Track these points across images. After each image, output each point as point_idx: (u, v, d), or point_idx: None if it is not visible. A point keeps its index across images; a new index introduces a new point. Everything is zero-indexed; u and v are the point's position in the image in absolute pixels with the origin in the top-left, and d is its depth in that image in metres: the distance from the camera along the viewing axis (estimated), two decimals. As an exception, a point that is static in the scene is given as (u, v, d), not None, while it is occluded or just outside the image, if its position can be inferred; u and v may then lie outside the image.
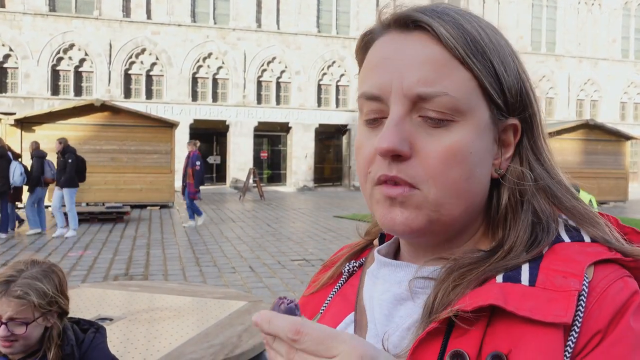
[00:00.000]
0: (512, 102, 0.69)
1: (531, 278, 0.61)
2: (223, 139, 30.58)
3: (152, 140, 18.33)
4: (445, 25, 0.66)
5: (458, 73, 0.65)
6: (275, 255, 9.86)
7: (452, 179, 0.64)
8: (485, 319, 0.60)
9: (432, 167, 0.64)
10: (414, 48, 0.66)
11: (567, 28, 34.92)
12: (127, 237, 11.81)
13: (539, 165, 0.71)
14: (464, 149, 0.65)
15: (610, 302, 0.59)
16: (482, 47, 0.66)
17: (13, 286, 1.78)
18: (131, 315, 3.32)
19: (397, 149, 0.63)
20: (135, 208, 17.35)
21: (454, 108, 0.64)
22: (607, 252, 0.64)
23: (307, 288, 0.87)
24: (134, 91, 28.15)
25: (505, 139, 0.70)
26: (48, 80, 26.67)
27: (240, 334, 2.95)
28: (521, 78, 0.70)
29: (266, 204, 20.37)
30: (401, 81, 0.65)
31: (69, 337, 1.90)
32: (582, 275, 0.60)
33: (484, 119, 0.67)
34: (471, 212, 0.68)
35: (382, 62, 0.67)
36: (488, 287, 0.62)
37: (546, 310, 0.57)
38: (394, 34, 0.69)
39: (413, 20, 0.67)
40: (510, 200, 0.69)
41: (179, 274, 8.30)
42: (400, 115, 0.65)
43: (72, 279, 7.81)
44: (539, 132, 0.72)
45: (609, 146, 22.87)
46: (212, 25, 29.03)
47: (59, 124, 17.39)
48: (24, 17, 26.40)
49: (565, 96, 34.87)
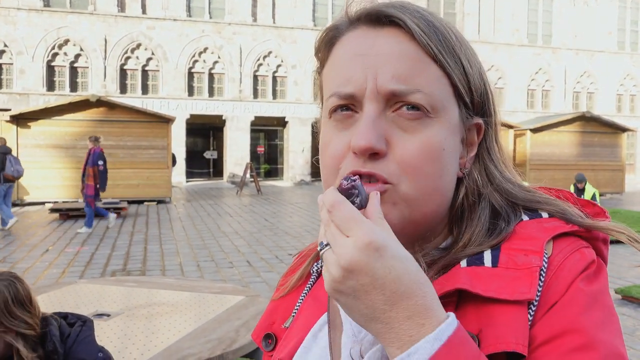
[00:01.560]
0: (478, 101, 0.69)
1: (494, 260, 0.63)
2: (220, 134, 30.53)
3: (149, 136, 18.29)
4: (417, 22, 0.65)
5: (431, 70, 0.65)
6: (272, 250, 9.87)
7: (426, 176, 0.64)
8: (454, 303, 0.61)
9: (408, 164, 0.64)
10: (388, 44, 0.65)
11: (563, 20, 34.89)
12: (124, 232, 11.81)
13: (492, 164, 0.71)
14: (438, 145, 0.64)
15: (567, 274, 0.60)
16: (452, 45, 0.66)
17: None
18: (129, 311, 3.33)
19: (375, 146, 0.63)
20: (132, 204, 17.33)
21: (428, 105, 0.64)
22: (564, 225, 0.65)
23: (275, 292, 0.85)
24: (129, 86, 28.04)
25: (470, 138, 0.71)
26: (43, 76, 26.55)
27: (238, 329, 2.95)
28: (482, 78, 0.70)
29: (263, 198, 20.36)
30: (376, 77, 0.64)
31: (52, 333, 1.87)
32: (542, 252, 0.61)
33: (454, 117, 0.67)
34: (442, 210, 0.68)
35: (355, 59, 0.66)
36: (453, 272, 0.63)
37: (510, 289, 0.58)
38: (364, 29, 0.67)
39: (386, 15, 0.66)
40: (467, 198, 0.69)
41: (176, 269, 8.30)
42: (376, 112, 0.64)
43: (70, 275, 7.81)
44: (495, 131, 0.73)
45: (605, 138, 22.91)
46: (208, 20, 28.91)
47: (55, 120, 17.35)
48: (18, 13, 26.25)
49: (561, 88, 34.88)
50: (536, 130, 21.90)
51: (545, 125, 22.17)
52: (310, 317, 0.75)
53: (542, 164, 21.49)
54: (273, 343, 0.79)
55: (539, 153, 21.69)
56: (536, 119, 27.41)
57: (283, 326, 0.79)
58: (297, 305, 0.79)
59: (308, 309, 0.77)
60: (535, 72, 34.33)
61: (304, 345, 0.73)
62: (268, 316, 0.82)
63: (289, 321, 0.78)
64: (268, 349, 0.79)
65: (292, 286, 0.82)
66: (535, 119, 26.80)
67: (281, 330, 0.79)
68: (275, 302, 0.83)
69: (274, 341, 0.79)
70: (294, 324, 0.77)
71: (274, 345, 0.78)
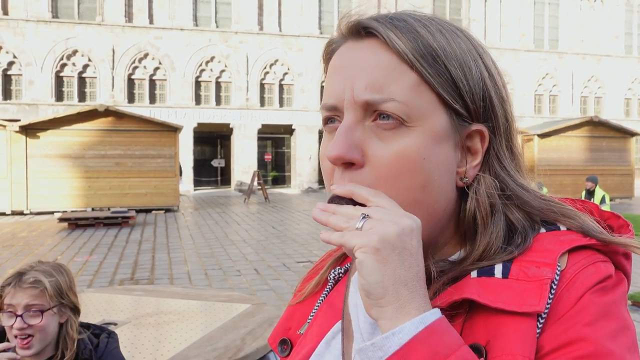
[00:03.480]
0: (475, 107, 0.66)
1: (504, 271, 0.62)
2: (227, 142, 30.62)
3: (157, 145, 18.38)
4: (395, 31, 0.65)
5: (406, 77, 0.64)
6: (280, 258, 9.87)
7: (404, 187, 0.63)
8: (463, 313, 0.61)
9: (383, 174, 0.63)
10: (365, 55, 0.66)
11: (569, 25, 34.82)
12: (132, 241, 11.85)
13: (503, 171, 0.68)
14: (415, 154, 0.63)
15: (579, 286, 0.59)
16: (435, 50, 0.64)
17: (25, 276, 1.84)
18: (136, 320, 3.34)
19: (346, 156, 0.63)
20: (140, 212, 17.40)
21: (403, 113, 0.63)
22: (581, 238, 0.64)
23: (293, 297, 0.86)
24: (137, 96, 28.22)
25: (470, 146, 0.68)
26: (52, 87, 26.77)
27: (244, 337, 2.96)
28: (485, 83, 0.67)
29: (271, 206, 20.38)
30: (352, 88, 0.65)
31: (85, 342, 1.92)
32: (555, 264, 0.60)
33: (439, 124, 0.65)
34: (435, 223, 0.66)
35: (337, 71, 0.68)
36: (463, 282, 0.63)
37: (519, 301, 0.58)
38: (350, 43, 0.69)
39: (363, 27, 0.67)
40: (479, 210, 0.67)
41: (184, 277, 8.32)
42: (351, 122, 0.64)
43: (78, 284, 7.82)
44: (507, 137, 0.70)
45: (613, 143, 22.76)
46: (214, 29, 29.08)
47: (64, 130, 17.48)
48: (27, 24, 26.52)
49: (568, 93, 34.76)
50: (544, 136, 21.81)
51: (552, 130, 22.06)
52: (324, 325, 0.75)
53: (550, 169, 21.37)
54: (289, 349, 0.79)
55: (547, 158, 21.58)
56: (544, 124, 27.30)
57: (298, 332, 0.79)
58: (312, 311, 0.79)
59: (323, 316, 0.77)
60: (542, 77, 34.25)
61: (316, 352, 0.73)
62: (285, 321, 0.82)
63: (304, 327, 0.78)
64: (283, 354, 0.79)
65: (310, 292, 0.82)
66: (543, 124, 26.69)
67: (297, 336, 0.79)
68: (292, 308, 0.83)
69: (289, 347, 0.79)
70: (308, 330, 0.77)
71: (289, 350, 0.78)
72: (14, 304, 1.80)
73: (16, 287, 1.82)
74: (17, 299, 1.80)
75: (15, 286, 1.82)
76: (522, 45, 33.68)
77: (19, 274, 1.86)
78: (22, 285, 1.82)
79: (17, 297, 1.80)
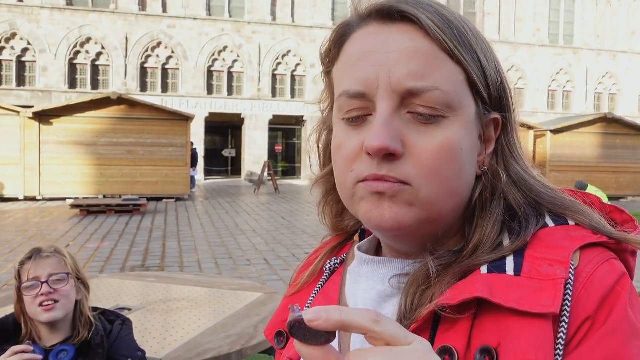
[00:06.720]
0: (495, 96, 0.67)
1: (516, 267, 0.60)
2: (238, 132, 30.69)
3: (168, 134, 18.44)
4: (431, 17, 0.62)
5: (447, 66, 0.62)
6: (290, 248, 9.90)
7: (445, 177, 0.62)
8: (472, 311, 0.58)
9: (426, 165, 0.61)
10: (401, 40, 0.62)
11: (585, 20, 34.45)
12: (143, 229, 11.92)
13: (514, 160, 0.68)
14: (456, 145, 0.62)
15: (598, 287, 0.57)
16: (468, 39, 0.64)
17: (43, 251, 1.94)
18: (149, 306, 3.37)
19: (390, 147, 0.60)
20: (151, 200, 17.49)
21: (445, 103, 0.62)
22: (592, 235, 0.62)
23: (288, 288, 0.84)
24: (150, 84, 28.31)
25: (488, 134, 0.68)
26: (65, 74, 26.92)
27: (257, 325, 2.97)
28: (499, 72, 0.67)
29: (281, 197, 20.42)
30: (389, 75, 0.61)
31: (98, 327, 1.95)
32: (569, 262, 0.58)
33: (470, 113, 0.64)
34: (457, 211, 0.66)
35: (366, 56, 0.63)
36: (473, 278, 0.60)
37: (533, 301, 0.56)
38: (375, 25, 0.65)
39: (398, 11, 0.63)
40: (481, 196, 0.67)
41: (194, 266, 8.37)
42: (390, 111, 0.62)
43: (90, 270, 7.92)
44: (514, 127, 0.69)
45: (627, 140, 22.52)
46: (228, 19, 29.07)
47: (77, 117, 17.57)
48: (41, 11, 26.65)
49: (583, 89, 34.45)
50: (557, 132, 21.63)
51: (565, 127, 21.87)
52: None
53: (562, 165, 21.22)
54: (285, 341, 0.77)
55: (559, 154, 21.42)
56: (557, 120, 27.08)
57: None
58: (308, 302, 0.77)
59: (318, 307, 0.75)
60: (557, 72, 33.95)
61: None
62: (280, 313, 0.81)
63: None
64: (280, 346, 0.77)
65: (304, 283, 0.81)
66: (556, 120, 26.47)
67: None
68: (287, 299, 0.82)
69: (285, 339, 0.77)
70: None
71: (285, 342, 0.76)
72: (37, 275, 1.87)
73: (37, 259, 1.90)
74: (40, 270, 1.87)
75: (35, 259, 1.90)
76: (536, 40, 33.37)
77: (36, 249, 1.94)
78: (42, 256, 1.91)
79: (40, 268, 1.88)
